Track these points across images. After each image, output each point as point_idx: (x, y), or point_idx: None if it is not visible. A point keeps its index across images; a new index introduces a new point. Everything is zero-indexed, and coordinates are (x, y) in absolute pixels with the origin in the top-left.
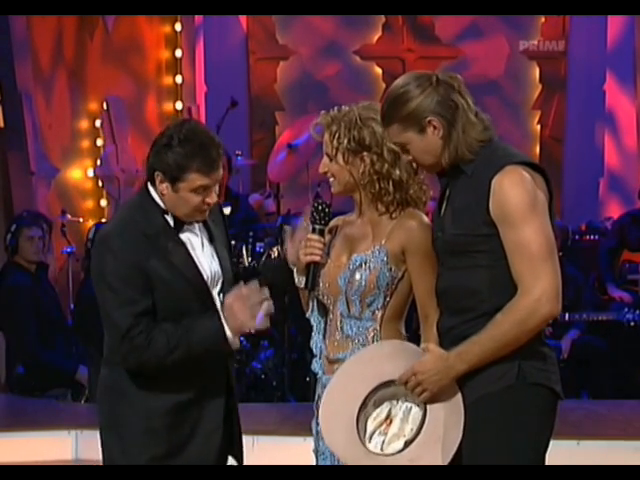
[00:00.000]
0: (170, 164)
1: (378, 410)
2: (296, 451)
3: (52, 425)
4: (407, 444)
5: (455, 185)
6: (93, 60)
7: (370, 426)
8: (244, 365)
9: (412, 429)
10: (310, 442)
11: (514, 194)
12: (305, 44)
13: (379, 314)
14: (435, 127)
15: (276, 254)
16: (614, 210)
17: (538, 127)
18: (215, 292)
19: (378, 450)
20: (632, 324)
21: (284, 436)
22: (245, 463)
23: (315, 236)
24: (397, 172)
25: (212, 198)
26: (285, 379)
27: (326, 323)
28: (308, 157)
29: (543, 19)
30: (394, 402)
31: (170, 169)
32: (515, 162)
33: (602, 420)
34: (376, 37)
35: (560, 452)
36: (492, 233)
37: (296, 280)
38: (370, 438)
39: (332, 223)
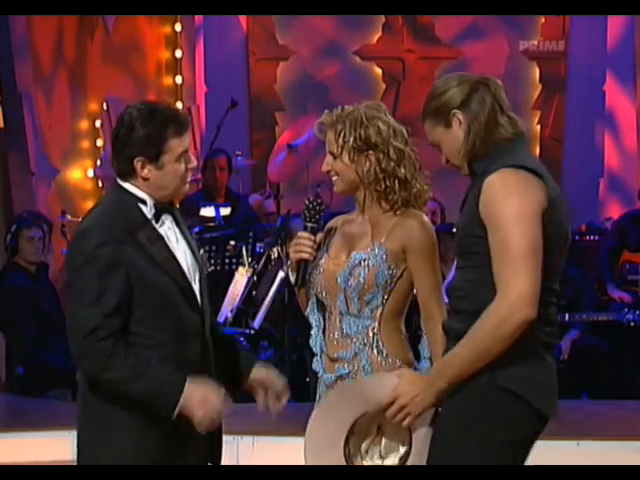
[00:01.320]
0: (147, 143)
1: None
2: (296, 451)
3: (52, 425)
4: (401, 460)
5: (471, 185)
6: (93, 60)
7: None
8: None
9: (401, 449)
10: None
11: (501, 196)
12: (305, 44)
13: (378, 312)
14: (460, 121)
15: (276, 255)
16: (614, 210)
17: (538, 127)
18: (195, 286)
19: (378, 461)
20: (632, 324)
21: (284, 436)
22: (245, 463)
23: (305, 234)
24: (402, 170)
25: (193, 162)
26: (285, 379)
27: (325, 321)
28: (308, 157)
29: (543, 19)
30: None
31: (149, 147)
32: (513, 165)
33: (602, 420)
34: (376, 37)
35: (560, 452)
36: (485, 235)
37: (290, 277)
38: (366, 453)
39: (332, 223)
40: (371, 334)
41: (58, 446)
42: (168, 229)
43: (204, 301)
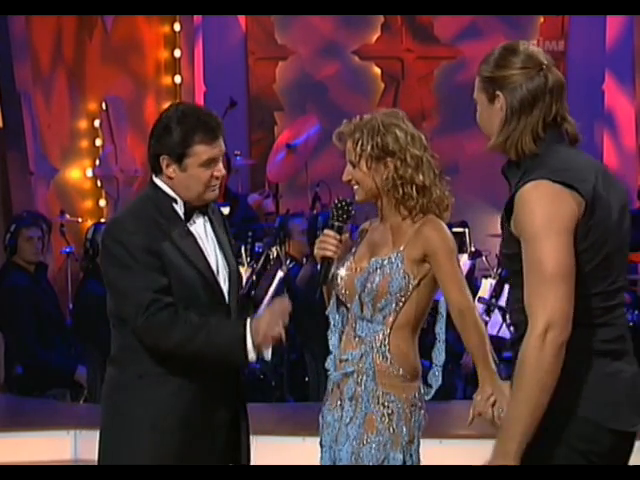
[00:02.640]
0: (173, 143)
1: None
2: (295, 451)
3: (51, 425)
4: None
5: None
6: (92, 60)
7: None
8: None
9: None
10: (309, 442)
11: (530, 210)
12: (304, 44)
13: (390, 319)
14: (501, 106)
15: (275, 254)
16: None
17: None
18: (223, 285)
19: None
20: (631, 324)
21: (283, 436)
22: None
23: (331, 232)
24: (420, 177)
25: (220, 171)
26: (284, 379)
27: (342, 322)
28: (307, 157)
29: (542, 19)
30: None
31: (174, 148)
32: (540, 177)
33: None
34: (375, 37)
35: None
36: (520, 252)
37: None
38: None
39: (363, 226)
40: (380, 339)
41: (57, 446)
42: (199, 228)
43: (232, 301)
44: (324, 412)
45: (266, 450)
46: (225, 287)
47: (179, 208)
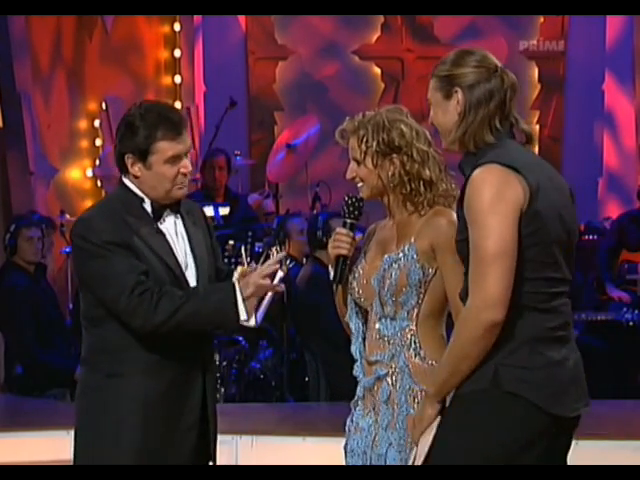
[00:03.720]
0: (136, 141)
1: None
2: (295, 451)
3: (50, 425)
4: None
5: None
6: (92, 60)
7: None
8: (243, 365)
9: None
10: (309, 442)
11: (477, 192)
12: (304, 44)
13: (414, 313)
14: (458, 101)
15: (275, 254)
16: (613, 210)
17: (537, 127)
18: (192, 282)
19: None
20: (631, 324)
21: (283, 436)
22: (244, 463)
23: (344, 230)
24: (427, 172)
25: (186, 167)
26: (284, 379)
27: (365, 326)
28: (307, 157)
29: (542, 19)
30: None
31: (137, 145)
32: (490, 161)
33: (601, 420)
34: (375, 37)
35: None
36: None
37: (331, 274)
38: None
39: (369, 229)
40: (409, 335)
41: (57, 446)
42: (170, 226)
43: None
44: (355, 417)
45: (266, 450)
46: (193, 284)
47: (147, 207)
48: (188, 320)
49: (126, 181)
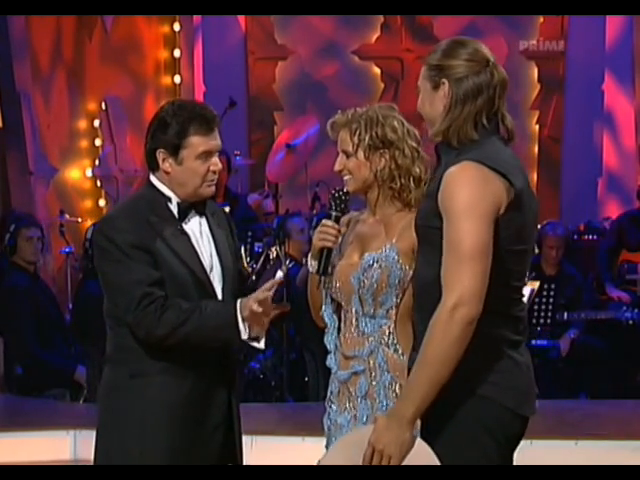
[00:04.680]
0: (169, 136)
1: None
2: (294, 451)
3: (50, 425)
4: None
5: (435, 172)
6: (92, 60)
7: None
8: (243, 365)
9: None
10: (309, 442)
11: (458, 189)
12: (304, 44)
13: (393, 312)
14: (445, 93)
15: (274, 254)
16: (613, 210)
17: (537, 127)
18: (216, 285)
19: None
20: (630, 322)
21: (282, 436)
22: (243, 463)
23: (330, 222)
24: (416, 169)
25: (216, 165)
26: (284, 379)
27: (340, 320)
28: (306, 157)
29: (542, 19)
30: None
31: (170, 140)
32: (475, 159)
33: (600, 420)
34: (375, 37)
35: (558, 452)
36: (441, 227)
37: (309, 266)
38: None
39: (345, 218)
40: (387, 332)
41: (56, 446)
42: (194, 227)
43: (226, 299)
44: (332, 414)
45: (266, 450)
46: (218, 286)
47: (173, 207)
48: (191, 335)
49: (153, 179)
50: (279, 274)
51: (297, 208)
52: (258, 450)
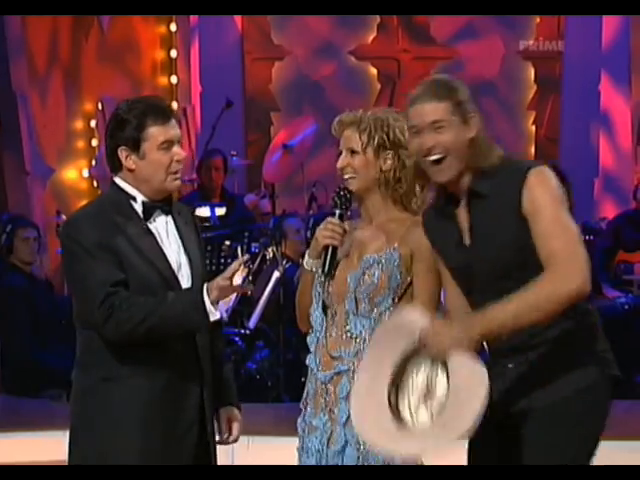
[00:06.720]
0: (127, 131)
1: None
2: (291, 451)
3: (47, 426)
4: (432, 416)
5: (475, 213)
6: (88, 60)
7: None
8: (239, 365)
9: (434, 400)
10: None
11: (548, 183)
12: (300, 44)
13: (386, 315)
14: (475, 126)
15: (271, 255)
16: (609, 210)
17: (533, 127)
18: (185, 283)
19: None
20: (626, 307)
21: (279, 436)
22: (240, 463)
23: (336, 220)
24: None
25: (180, 153)
26: (280, 379)
27: (326, 321)
28: (303, 157)
29: (538, 19)
30: (417, 371)
31: (129, 136)
32: (539, 164)
33: None
34: (371, 37)
35: None
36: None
37: (305, 264)
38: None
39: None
40: None
41: (53, 446)
42: (160, 226)
43: None
44: (306, 416)
45: (262, 450)
46: (187, 284)
47: (138, 206)
48: (160, 324)
49: (117, 180)
50: (276, 274)
51: (294, 209)
52: (254, 450)
